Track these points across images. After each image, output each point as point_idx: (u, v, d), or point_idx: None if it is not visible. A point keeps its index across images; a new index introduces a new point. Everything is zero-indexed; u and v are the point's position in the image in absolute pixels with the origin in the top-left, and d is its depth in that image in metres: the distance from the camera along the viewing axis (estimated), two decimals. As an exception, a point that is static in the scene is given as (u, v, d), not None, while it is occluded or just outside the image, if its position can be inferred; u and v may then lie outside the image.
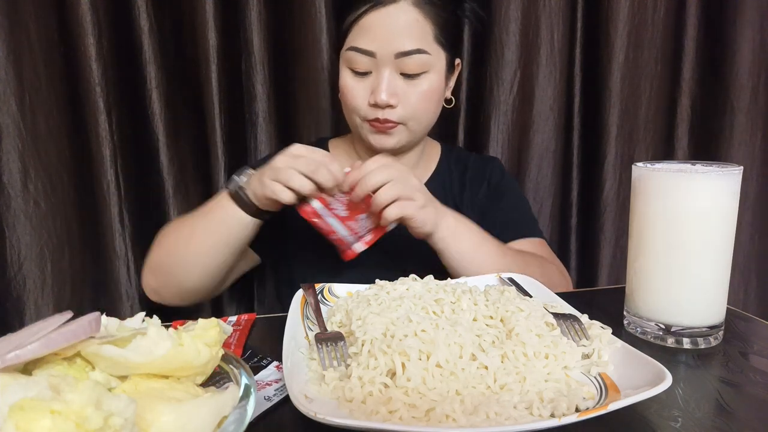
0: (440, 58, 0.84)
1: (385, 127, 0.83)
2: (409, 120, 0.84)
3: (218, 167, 1.12)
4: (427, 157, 0.98)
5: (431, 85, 0.83)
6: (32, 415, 0.28)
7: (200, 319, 0.41)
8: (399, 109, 0.83)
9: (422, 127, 0.88)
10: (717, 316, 0.60)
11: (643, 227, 0.61)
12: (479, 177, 0.98)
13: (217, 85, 1.09)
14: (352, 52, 0.81)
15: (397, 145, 0.87)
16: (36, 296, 1.05)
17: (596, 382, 0.48)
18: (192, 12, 1.07)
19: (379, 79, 0.81)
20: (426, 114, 0.86)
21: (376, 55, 0.80)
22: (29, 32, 1.00)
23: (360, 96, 0.83)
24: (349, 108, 0.86)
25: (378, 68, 0.81)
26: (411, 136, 0.87)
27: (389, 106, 0.82)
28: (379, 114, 0.82)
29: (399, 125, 0.84)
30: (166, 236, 0.85)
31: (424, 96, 0.83)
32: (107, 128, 1.04)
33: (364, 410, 0.43)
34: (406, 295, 0.60)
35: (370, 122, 0.84)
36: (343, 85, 0.85)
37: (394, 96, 0.81)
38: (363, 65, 0.81)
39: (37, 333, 0.36)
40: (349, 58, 0.82)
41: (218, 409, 0.35)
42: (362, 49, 0.80)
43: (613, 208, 1.30)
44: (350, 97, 0.84)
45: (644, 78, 1.28)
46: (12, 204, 1.02)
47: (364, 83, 0.83)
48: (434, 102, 0.86)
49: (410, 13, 0.79)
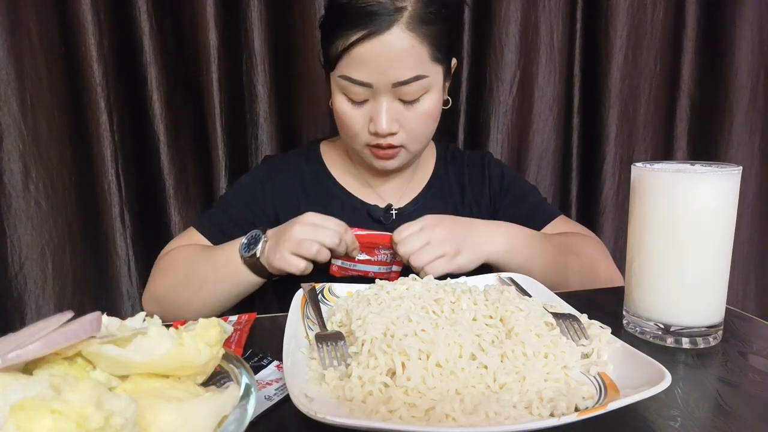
0: (438, 74, 0.80)
1: (387, 153, 0.81)
2: (411, 143, 0.82)
3: (218, 167, 1.13)
4: (424, 162, 0.96)
5: (431, 104, 0.80)
6: (33, 415, 0.28)
7: (201, 319, 0.41)
8: (400, 134, 0.80)
9: (423, 146, 0.86)
10: (716, 315, 0.60)
11: (642, 227, 0.61)
12: (478, 174, 0.97)
13: (218, 85, 1.09)
14: (345, 81, 0.77)
15: (400, 166, 0.86)
16: (37, 296, 1.05)
17: (595, 381, 0.48)
18: (192, 12, 1.07)
19: (378, 109, 0.77)
20: (427, 133, 0.84)
21: (372, 85, 0.76)
22: (30, 33, 1.00)
23: (359, 123, 0.80)
24: (349, 134, 0.83)
25: (375, 97, 0.78)
26: (413, 156, 0.86)
27: (391, 134, 0.79)
28: (381, 141, 0.80)
29: (401, 149, 0.82)
30: (171, 272, 0.84)
31: (424, 117, 0.80)
32: (108, 128, 1.05)
33: (364, 410, 0.43)
34: (406, 294, 0.60)
35: (372, 148, 0.82)
36: (340, 112, 0.81)
37: (395, 123, 0.79)
38: (359, 95, 0.78)
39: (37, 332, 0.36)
40: (342, 85, 0.78)
41: (218, 409, 0.35)
42: (358, 80, 0.76)
43: (612, 208, 1.30)
44: (349, 124, 0.81)
45: (643, 78, 1.28)
46: (13, 204, 1.03)
47: (362, 110, 0.79)
48: (434, 119, 0.83)
49: (405, 39, 0.73)
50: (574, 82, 1.26)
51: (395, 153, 0.82)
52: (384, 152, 0.81)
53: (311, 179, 0.93)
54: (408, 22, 0.73)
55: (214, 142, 1.11)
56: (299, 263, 0.72)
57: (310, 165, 0.94)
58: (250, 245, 0.76)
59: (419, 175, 0.95)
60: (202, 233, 0.89)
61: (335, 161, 0.95)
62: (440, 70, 0.80)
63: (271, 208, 0.91)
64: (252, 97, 1.15)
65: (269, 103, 1.16)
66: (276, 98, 1.16)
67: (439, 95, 0.82)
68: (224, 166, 1.13)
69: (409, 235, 0.73)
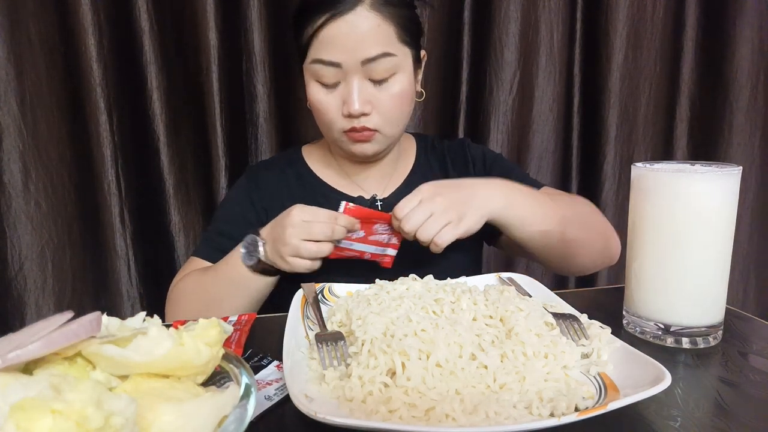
0: (407, 56, 0.82)
1: (364, 135, 0.82)
2: (385, 126, 0.83)
3: (218, 167, 1.13)
4: (405, 153, 0.97)
5: (402, 86, 0.81)
6: (33, 415, 0.28)
7: (201, 319, 0.41)
8: (374, 116, 0.81)
9: (399, 130, 0.87)
10: (716, 315, 0.60)
11: (642, 227, 0.61)
12: (460, 159, 0.97)
13: (218, 85, 1.09)
14: (316, 65, 0.79)
15: (378, 151, 0.87)
16: (37, 296, 1.05)
17: (595, 381, 0.48)
18: (193, 12, 1.07)
19: (349, 89, 0.79)
20: (401, 116, 0.85)
21: (341, 65, 0.78)
22: (30, 32, 1.00)
23: (333, 109, 0.82)
24: (324, 123, 0.85)
25: (346, 78, 0.79)
26: (389, 141, 0.87)
27: (364, 114, 0.80)
28: (355, 123, 0.81)
29: (376, 132, 0.83)
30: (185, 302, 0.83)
31: (396, 99, 0.81)
32: (108, 128, 1.05)
33: (364, 409, 0.43)
34: (406, 294, 0.60)
35: (348, 133, 0.83)
36: (314, 100, 0.83)
37: (367, 104, 0.80)
38: (330, 77, 0.80)
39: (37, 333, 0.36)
40: (314, 71, 0.80)
41: (219, 409, 0.35)
42: (327, 60, 0.78)
43: (612, 208, 1.30)
44: (323, 111, 0.83)
45: (643, 78, 1.28)
46: (13, 204, 1.03)
47: (334, 95, 0.81)
48: (407, 102, 0.84)
49: (370, 18, 0.76)
50: (574, 82, 1.26)
51: (371, 136, 0.83)
52: (360, 135, 0.82)
53: (295, 180, 0.94)
54: (372, 2, 0.77)
55: (214, 142, 1.11)
56: (304, 264, 0.72)
57: (293, 167, 0.96)
58: (250, 254, 0.77)
59: (401, 165, 0.96)
60: (204, 258, 0.90)
61: (318, 160, 0.96)
62: (408, 54, 0.82)
63: (264, 213, 0.91)
64: (252, 97, 1.15)
65: (269, 103, 1.16)
66: (276, 98, 1.16)
67: (410, 79, 0.83)
68: (224, 166, 1.13)
69: (411, 210, 0.72)
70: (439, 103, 1.23)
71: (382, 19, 0.77)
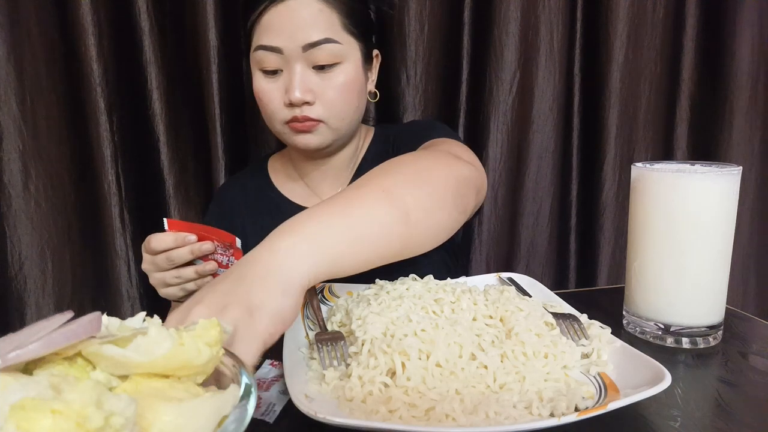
0: (353, 47, 0.80)
1: (306, 126, 0.80)
2: (330, 117, 0.81)
3: (218, 167, 1.12)
4: (363, 147, 0.95)
5: (347, 76, 0.79)
6: (33, 415, 0.28)
7: (201, 319, 0.41)
8: (317, 106, 0.79)
9: (346, 123, 0.83)
10: (716, 315, 0.60)
11: (642, 227, 0.61)
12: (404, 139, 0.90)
13: (218, 85, 1.09)
14: (259, 52, 0.78)
15: (323, 144, 0.84)
16: (37, 296, 1.05)
17: (595, 381, 0.48)
18: (193, 12, 1.07)
19: (291, 76, 0.77)
20: (347, 108, 0.82)
21: (283, 51, 0.76)
22: (30, 32, 1.00)
23: (275, 99, 0.80)
24: (267, 113, 0.83)
25: (288, 65, 0.78)
26: (335, 134, 0.83)
27: (306, 103, 0.78)
28: (296, 112, 0.79)
29: (320, 123, 0.81)
30: None
31: (341, 89, 0.79)
32: (108, 128, 1.05)
33: (364, 409, 0.43)
34: (406, 294, 0.60)
35: (290, 123, 0.81)
36: (257, 90, 0.81)
37: (309, 92, 0.78)
38: (272, 63, 0.78)
39: (37, 333, 0.36)
40: (257, 59, 0.79)
41: (219, 409, 0.35)
42: (268, 45, 0.77)
43: (612, 208, 1.30)
44: (266, 100, 0.81)
45: (643, 78, 1.28)
46: (13, 204, 1.03)
47: (277, 84, 0.79)
48: (354, 94, 0.82)
49: (312, 4, 0.76)
50: (574, 82, 1.25)
51: (313, 126, 0.80)
52: (302, 125, 0.80)
53: (255, 193, 0.94)
54: None
55: (214, 142, 1.11)
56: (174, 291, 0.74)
57: (256, 179, 0.96)
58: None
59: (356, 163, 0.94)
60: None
61: (278, 171, 0.96)
62: (355, 45, 0.81)
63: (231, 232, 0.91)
64: (252, 97, 1.15)
65: (269, 103, 1.16)
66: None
67: (358, 72, 0.82)
68: (224, 166, 1.13)
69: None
70: (439, 103, 1.23)
71: (325, 6, 0.76)
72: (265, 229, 0.54)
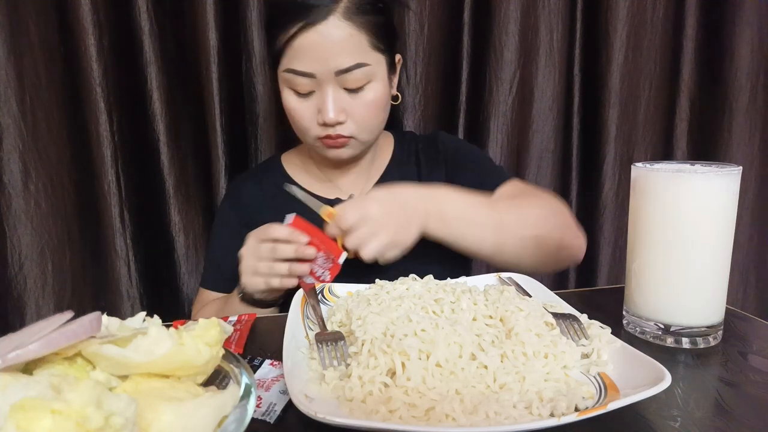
0: (381, 63, 0.82)
1: (338, 142, 0.83)
2: (360, 133, 0.84)
3: (218, 167, 1.13)
4: (381, 151, 0.97)
5: (376, 93, 0.82)
6: (33, 415, 0.28)
7: (201, 319, 0.41)
8: (349, 124, 0.82)
9: (374, 135, 0.88)
10: (716, 315, 0.60)
11: (642, 227, 0.61)
12: (433, 152, 0.96)
13: (218, 85, 1.09)
14: (290, 74, 0.79)
15: (353, 156, 0.88)
16: (37, 296, 1.05)
17: (595, 381, 0.48)
18: (193, 12, 1.07)
19: (324, 98, 0.79)
20: (376, 122, 0.86)
21: (315, 75, 0.78)
22: (30, 32, 1.00)
23: (307, 117, 0.82)
24: (299, 129, 0.85)
25: (320, 87, 0.79)
26: (364, 145, 0.87)
27: (338, 123, 0.81)
28: (330, 131, 0.81)
29: (351, 139, 0.83)
30: None
31: (371, 106, 0.82)
32: (108, 128, 1.05)
33: (364, 409, 0.43)
34: (406, 294, 0.60)
35: (322, 140, 0.83)
36: (288, 107, 0.83)
37: (342, 112, 0.80)
38: (304, 86, 0.80)
39: (37, 333, 0.36)
40: (288, 79, 0.80)
41: (219, 409, 0.35)
42: (300, 71, 0.78)
43: (612, 208, 1.30)
44: (298, 118, 0.83)
45: (643, 78, 1.28)
46: (13, 204, 1.03)
47: (309, 103, 0.81)
48: (382, 109, 0.85)
49: (343, 28, 0.76)
50: (574, 82, 1.25)
51: (345, 142, 0.83)
52: (334, 142, 0.83)
53: (273, 188, 0.94)
54: (344, 11, 0.76)
55: (214, 141, 1.11)
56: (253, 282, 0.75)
57: (271, 176, 0.96)
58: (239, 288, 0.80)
59: (378, 164, 0.97)
60: (211, 289, 0.93)
61: (296, 165, 0.97)
62: (382, 60, 0.82)
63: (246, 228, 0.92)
64: (252, 97, 1.15)
65: (269, 103, 1.16)
66: (276, 98, 1.16)
67: (385, 86, 0.84)
68: (224, 166, 1.13)
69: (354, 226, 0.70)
70: (439, 103, 1.23)
71: (354, 29, 0.77)
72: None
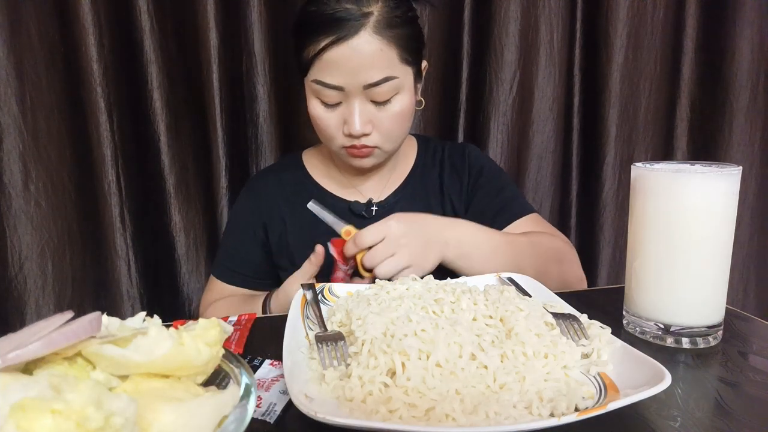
0: (408, 75, 0.82)
1: (363, 152, 0.83)
2: (385, 143, 0.84)
3: (219, 167, 1.13)
4: (404, 156, 0.98)
5: (402, 105, 0.82)
6: (33, 415, 0.28)
7: (201, 319, 0.41)
8: (374, 135, 0.82)
9: (398, 144, 0.88)
10: (716, 315, 0.60)
11: (642, 227, 0.61)
12: (458, 165, 0.97)
13: (218, 85, 1.09)
14: (318, 85, 0.79)
15: (377, 164, 0.89)
16: (37, 296, 1.05)
17: (595, 381, 0.48)
18: (193, 13, 1.07)
19: (351, 110, 0.80)
20: (401, 132, 0.86)
21: (344, 88, 0.78)
22: (30, 32, 1.00)
23: (333, 126, 0.82)
24: (324, 137, 0.86)
25: (348, 99, 0.80)
26: (388, 154, 0.88)
27: (364, 135, 0.81)
28: (355, 142, 0.82)
29: (375, 149, 0.84)
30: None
31: (397, 118, 0.82)
32: (108, 128, 1.05)
33: (364, 409, 0.43)
34: (406, 294, 0.60)
35: (347, 149, 0.84)
36: (315, 116, 0.84)
37: (368, 124, 0.81)
38: (332, 98, 0.80)
39: (37, 333, 0.36)
40: (315, 89, 0.81)
41: (219, 409, 0.35)
42: (329, 84, 0.78)
43: (612, 208, 1.30)
44: (324, 127, 0.83)
45: (643, 78, 1.28)
46: (13, 204, 1.03)
47: (335, 113, 0.82)
48: (407, 119, 0.85)
49: (373, 43, 0.76)
50: (574, 82, 1.26)
51: (370, 152, 0.84)
52: (359, 151, 0.83)
53: (293, 186, 0.95)
54: (375, 26, 0.76)
55: (215, 142, 1.11)
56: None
57: (292, 173, 0.97)
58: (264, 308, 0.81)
59: (400, 169, 0.97)
60: (224, 281, 0.95)
61: (316, 166, 0.97)
62: (410, 72, 0.82)
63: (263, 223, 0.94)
64: (252, 97, 1.15)
65: (269, 103, 1.16)
66: (276, 98, 1.17)
67: (411, 96, 0.84)
68: (224, 166, 1.13)
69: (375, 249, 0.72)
70: (439, 103, 1.23)
71: (384, 44, 0.77)
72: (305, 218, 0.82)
